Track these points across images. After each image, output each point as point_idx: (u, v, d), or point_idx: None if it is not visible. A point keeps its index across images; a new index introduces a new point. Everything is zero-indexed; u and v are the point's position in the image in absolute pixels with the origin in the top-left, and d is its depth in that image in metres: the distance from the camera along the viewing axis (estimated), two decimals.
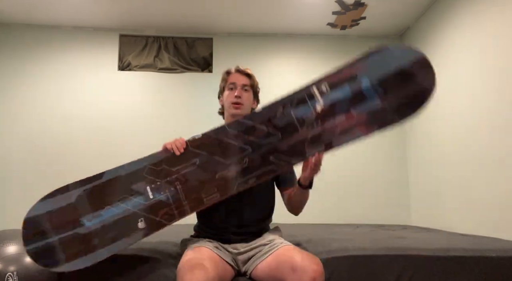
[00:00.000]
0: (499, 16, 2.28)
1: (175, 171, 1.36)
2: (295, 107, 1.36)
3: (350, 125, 1.31)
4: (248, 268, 1.38)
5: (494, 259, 1.54)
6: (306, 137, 1.34)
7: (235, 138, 1.37)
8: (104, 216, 1.33)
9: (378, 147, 3.50)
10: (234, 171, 1.35)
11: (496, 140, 2.26)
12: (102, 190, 1.38)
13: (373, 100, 1.29)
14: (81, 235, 1.31)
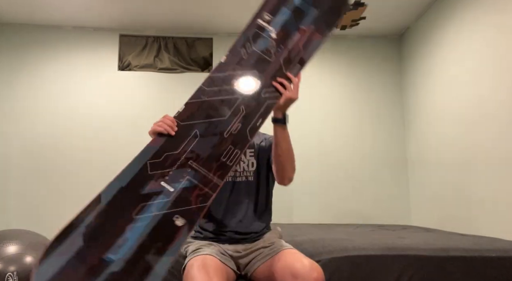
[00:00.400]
0: (499, 16, 2.28)
1: (181, 151, 1.25)
2: (254, 43, 1.40)
3: (307, 38, 1.44)
4: (248, 270, 1.38)
5: (494, 259, 1.54)
6: (279, 63, 1.41)
7: (220, 93, 1.35)
8: (130, 238, 1.12)
9: (378, 147, 3.50)
10: (238, 122, 1.31)
11: (496, 140, 2.26)
12: (109, 214, 1.18)
13: (310, 11, 1.44)
14: (117, 273, 1.07)
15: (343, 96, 3.59)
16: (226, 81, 1.37)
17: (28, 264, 2.10)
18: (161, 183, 1.21)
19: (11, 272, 2.01)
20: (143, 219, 1.15)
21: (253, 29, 1.41)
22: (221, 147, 1.27)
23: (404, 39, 3.59)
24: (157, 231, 1.14)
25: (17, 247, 2.16)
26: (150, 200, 1.18)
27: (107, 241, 1.11)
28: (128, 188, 1.22)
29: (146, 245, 1.11)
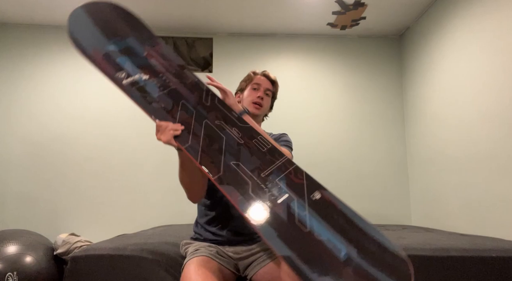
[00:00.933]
0: (499, 16, 2.28)
1: (247, 174, 1.28)
2: (147, 93, 1.47)
3: (155, 51, 1.58)
4: (248, 273, 1.38)
5: (494, 259, 1.54)
6: (178, 80, 1.50)
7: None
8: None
9: (378, 147, 3.50)
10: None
11: (496, 140, 2.26)
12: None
13: (129, 41, 1.58)
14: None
15: (343, 96, 3.59)
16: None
17: (28, 264, 2.10)
18: (278, 202, 1.21)
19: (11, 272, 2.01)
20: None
21: (133, 89, 1.45)
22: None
23: (404, 39, 3.60)
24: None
25: (17, 247, 2.17)
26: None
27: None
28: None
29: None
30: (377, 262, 1.09)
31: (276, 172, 1.29)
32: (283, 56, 3.63)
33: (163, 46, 1.57)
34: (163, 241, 1.69)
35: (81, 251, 1.54)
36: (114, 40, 1.50)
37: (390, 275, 1.05)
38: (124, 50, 1.49)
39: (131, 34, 1.56)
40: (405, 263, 1.08)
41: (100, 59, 1.44)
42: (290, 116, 3.50)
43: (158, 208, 3.24)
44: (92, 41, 1.46)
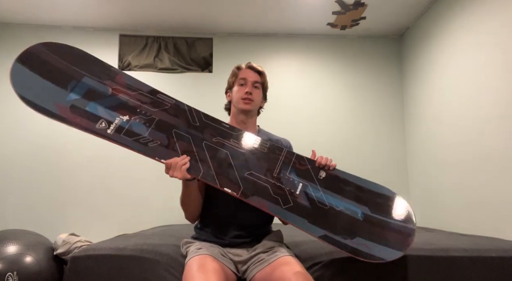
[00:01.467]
0: (499, 15, 2.28)
1: (264, 179, 1.38)
2: (132, 135, 1.37)
3: (118, 79, 1.46)
4: (248, 275, 1.38)
5: (494, 259, 1.54)
6: (170, 105, 1.45)
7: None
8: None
9: (378, 147, 3.50)
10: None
11: (496, 140, 2.26)
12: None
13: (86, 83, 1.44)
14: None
15: (342, 96, 3.59)
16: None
17: (28, 264, 2.10)
18: (298, 194, 1.38)
19: (11, 272, 2.01)
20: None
21: (122, 136, 1.33)
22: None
23: (404, 39, 3.59)
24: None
25: (17, 247, 2.16)
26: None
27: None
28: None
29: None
30: (385, 210, 1.38)
31: (284, 167, 1.40)
32: (283, 56, 3.63)
33: (121, 74, 1.43)
34: (163, 241, 1.69)
35: (81, 251, 1.54)
36: (71, 86, 1.34)
37: (400, 218, 1.36)
38: (87, 95, 1.34)
39: (84, 72, 1.39)
40: (405, 204, 1.40)
41: (69, 114, 1.29)
42: (290, 116, 3.50)
43: (158, 208, 3.24)
44: (49, 96, 1.31)
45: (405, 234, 1.34)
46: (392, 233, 1.34)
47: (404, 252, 1.31)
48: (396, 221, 1.36)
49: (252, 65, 1.58)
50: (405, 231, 1.34)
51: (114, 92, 1.38)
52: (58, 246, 2.43)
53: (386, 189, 1.44)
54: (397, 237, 1.33)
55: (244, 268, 1.40)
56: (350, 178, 1.43)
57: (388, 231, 1.34)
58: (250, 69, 1.57)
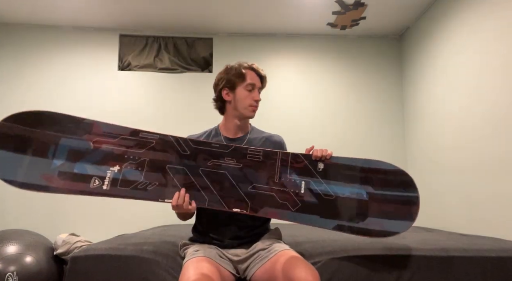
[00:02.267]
0: (499, 16, 2.28)
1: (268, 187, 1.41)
2: (126, 181, 1.36)
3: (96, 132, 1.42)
4: (247, 274, 1.38)
5: (494, 259, 1.54)
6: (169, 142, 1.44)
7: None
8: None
9: (377, 147, 3.50)
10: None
11: (496, 140, 2.26)
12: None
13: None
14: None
15: (342, 96, 3.59)
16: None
17: (28, 264, 2.10)
18: (302, 192, 1.43)
19: (11, 272, 2.01)
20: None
21: (118, 188, 1.32)
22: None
23: (404, 39, 3.59)
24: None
25: (17, 247, 2.16)
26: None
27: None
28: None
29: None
30: (387, 184, 1.41)
31: (283, 170, 1.41)
32: (283, 56, 3.63)
33: (96, 124, 1.37)
34: (163, 241, 1.69)
35: (81, 251, 1.54)
36: (51, 152, 1.29)
37: (402, 189, 1.41)
38: (70, 156, 1.30)
39: (58, 133, 1.32)
40: (404, 173, 1.43)
41: (59, 182, 1.26)
42: (290, 115, 3.50)
43: (158, 208, 3.24)
44: (33, 170, 1.26)
45: (410, 203, 1.40)
46: (398, 205, 1.39)
47: (414, 221, 1.38)
48: (399, 192, 1.40)
49: (258, 70, 1.55)
50: (409, 200, 1.40)
51: (95, 145, 1.33)
52: (58, 246, 2.44)
53: (382, 163, 1.46)
54: (403, 208, 1.39)
55: (243, 267, 1.39)
56: (346, 161, 1.45)
57: (394, 204, 1.39)
58: (256, 73, 1.54)
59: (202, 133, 1.60)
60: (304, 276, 1.15)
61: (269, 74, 3.77)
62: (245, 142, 1.53)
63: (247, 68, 1.54)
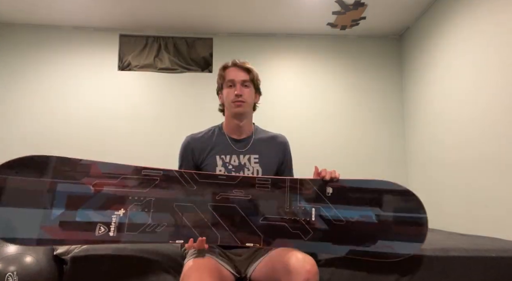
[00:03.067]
0: (499, 16, 2.28)
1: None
2: (133, 223, 1.30)
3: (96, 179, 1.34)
4: (248, 272, 1.38)
5: (494, 259, 1.54)
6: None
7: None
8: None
9: (377, 147, 3.50)
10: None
11: (496, 140, 2.26)
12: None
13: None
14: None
15: (342, 96, 3.59)
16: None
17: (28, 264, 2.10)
18: (313, 220, 1.40)
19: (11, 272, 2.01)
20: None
21: (126, 234, 1.25)
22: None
23: (404, 39, 3.59)
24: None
25: (17, 247, 2.16)
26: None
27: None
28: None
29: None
30: (394, 205, 1.42)
31: (293, 198, 1.38)
32: (283, 56, 3.63)
33: (94, 164, 1.28)
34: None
35: (81, 251, 1.53)
36: (49, 201, 1.20)
37: (409, 210, 1.42)
38: (70, 203, 1.21)
39: (55, 179, 1.24)
40: (411, 193, 1.46)
41: (62, 233, 1.18)
42: (290, 115, 3.50)
43: None
44: (32, 223, 1.17)
45: (419, 224, 1.39)
46: (407, 227, 1.38)
47: (423, 242, 1.37)
48: (407, 213, 1.40)
49: (237, 63, 1.51)
50: (417, 222, 1.40)
51: (96, 188, 1.24)
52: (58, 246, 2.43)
53: (389, 184, 1.46)
54: (412, 229, 1.38)
55: (244, 265, 1.40)
56: (353, 184, 1.45)
57: (403, 225, 1.38)
58: (237, 67, 1.50)
59: (206, 131, 1.58)
60: (302, 263, 1.16)
61: (269, 74, 3.78)
62: (251, 143, 1.52)
63: (225, 67, 1.54)
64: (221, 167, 1.46)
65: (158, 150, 3.24)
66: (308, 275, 1.13)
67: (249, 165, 1.48)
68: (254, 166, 1.48)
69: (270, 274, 1.27)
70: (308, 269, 1.15)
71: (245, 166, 1.47)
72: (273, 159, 1.52)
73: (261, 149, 1.52)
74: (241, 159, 1.48)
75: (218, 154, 1.48)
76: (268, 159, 1.51)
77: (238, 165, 1.47)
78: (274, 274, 1.24)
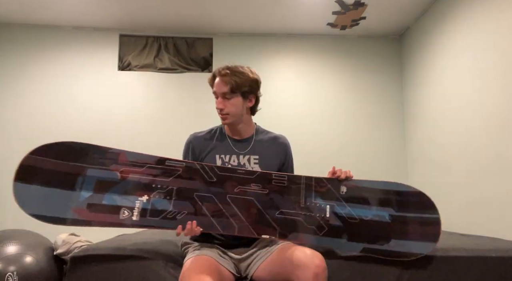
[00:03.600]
0: (499, 16, 2.28)
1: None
2: (157, 214, 1.35)
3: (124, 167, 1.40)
4: (249, 271, 1.38)
5: (494, 259, 1.54)
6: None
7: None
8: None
9: (377, 146, 3.50)
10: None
11: (496, 140, 2.26)
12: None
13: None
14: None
15: (342, 96, 3.59)
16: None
17: (28, 264, 2.10)
18: (328, 216, 1.44)
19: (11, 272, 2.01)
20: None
21: (148, 218, 1.30)
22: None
23: (404, 39, 3.59)
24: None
25: (17, 247, 2.16)
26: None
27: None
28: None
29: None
30: (408, 205, 1.44)
31: (308, 194, 1.42)
32: (283, 56, 3.63)
33: (123, 153, 1.35)
34: (163, 241, 1.69)
35: (81, 251, 1.54)
36: (78, 184, 1.28)
37: (422, 210, 1.42)
38: (98, 187, 1.28)
39: (85, 164, 1.30)
40: (423, 194, 1.45)
41: (90, 214, 1.26)
42: (290, 115, 3.50)
43: None
44: (62, 203, 1.25)
45: (432, 224, 1.42)
46: (421, 226, 1.41)
47: (437, 242, 1.39)
48: (420, 214, 1.43)
49: (216, 73, 1.48)
50: (431, 221, 1.42)
51: (123, 175, 1.31)
52: (58, 246, 2.43)
53: (402, 186, 1.48)
54: (425, 229, 1.41)
55: (245, 265, 1.40)
56: (367, 184, 1.48)
57: (417, 225, 1.41)
58: (219, 78, 1.47)
59: (208, 130, 1.59)
60: (310, 258, 1.17)
61: (268, 74, 3.78)
62: (252, 144, 1.52)
63: (213, 75, 1.53)
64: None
65: (158, 149, 3.22)
66: (318, 270, 1.15)
67: (248, 166, 1.48)
68: (253, 167, 1.48)
69: (276, 272, 1.27)
70: (317, 263, 1.16)
71: (244, 166, 1.47)
72: (274, 160, 1.52)
73: (261, 150, 1.52)
74: (240, 160, 1.49)
75: (217, 154, 1.49)
76: (269, 160, 1.51)
77: (237, 165, 1.47)
78: (281, 271, 1.24)
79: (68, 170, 1.29)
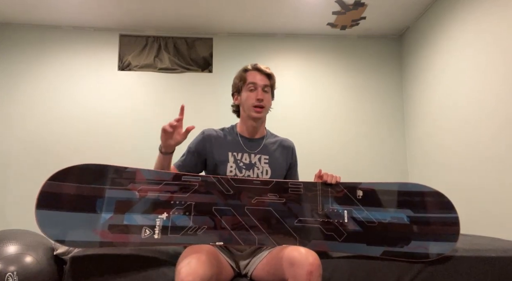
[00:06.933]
0: (499, 15, 2.28)
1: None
2: (178, 225, 1.37)
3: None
4: (248, 270, 1.39)
5: (494, 259, 1.54)
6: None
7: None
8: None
9: (378, 146, 3.50)
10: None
11: (497, 140, 2.26)
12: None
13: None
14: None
15: (343, 96, 3.59)
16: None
17: (28, 264, 2.10)
18: (346, 222, 1.44)
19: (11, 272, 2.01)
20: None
21: (169, 236, 1.31)
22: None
23: (404, 39, 3.59)
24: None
25: (17, 247, 2.16)
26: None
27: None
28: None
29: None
30: (425, 206, 1.46)
31: (325, 201, 1.42)
32: (283, 56, 3.63)
33: (139, 171, 1.36)
34: None
35: (81, 251, 1.53)
36: (99, 206, 1.28)
37: (441, 210, 1.46)
38: (118, 208, 1.28)
39: (103, 185, 1.31)
40: (441, 194, 1.50)
41: (112, 235, 1.26)
42: (290, 116, 3.50)
43: None
44: (85, 226, 1.25)
45: (451, 224, 1.43)
46: (440, 226, 1.42)
47: (456, 242, 1.40)
48: (438, 214, 1.45)
49: (259, 67, 1.54)
50: (450, 221, 1.43)
51: (141, 194, 1.31)
52: (58, 246, 2.43)
53: (418, 186, 1.49)
54: (445, 229, 1.42)
55: (245, 263, 1.41)
56: (383, 187, 1.47)
57: (435, 225, 1.42)
58: (258, 72, 1.53)
59: (220, 129, 1.63)
60: (305, 256, 1.18)
61: None
62: (262, 146, 1.57)
63: (248, 69, 1.56)
64: (232, 163, 1.50)
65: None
66: (311, 268, 1.15)
67: (259, 165, 1.52)
68: (263, 166, 1.52)
69: (273, 272, 1.28)
70: (311, 261, 1.17)
71: (255, 165, 1.51)
72: (282, 163, 1.58)
73: (271, 151, 1.57)
74: (252, 158, 1.53)
75: (230, 151, 1.52)
76: (278, 162, 1.57)
77: (249, 163, 1.51)
78: (277, 270, 1.25)
79: (87, 193, 1.29)
